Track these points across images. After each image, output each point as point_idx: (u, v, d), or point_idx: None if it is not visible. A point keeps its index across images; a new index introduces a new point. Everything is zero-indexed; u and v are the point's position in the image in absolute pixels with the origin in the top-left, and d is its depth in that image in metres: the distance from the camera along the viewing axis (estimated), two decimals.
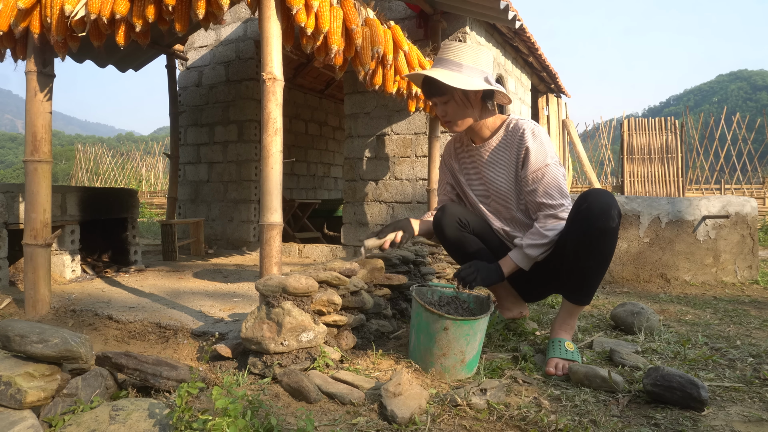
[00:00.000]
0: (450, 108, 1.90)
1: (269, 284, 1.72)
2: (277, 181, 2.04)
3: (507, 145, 1.93)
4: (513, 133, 1.90)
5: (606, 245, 1.70)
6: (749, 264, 3.59)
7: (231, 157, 5.54)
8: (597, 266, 1.73)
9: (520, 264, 1.84)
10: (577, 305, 1.83)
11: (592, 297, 1.82)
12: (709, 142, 11.66)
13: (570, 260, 1.76)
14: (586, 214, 1.69)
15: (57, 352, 1.29)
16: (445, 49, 1.90)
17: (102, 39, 2.24)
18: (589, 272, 1.74)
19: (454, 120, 1.92)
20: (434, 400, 1.45)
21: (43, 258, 2.30)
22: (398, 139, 4.70)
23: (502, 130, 1.95)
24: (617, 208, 1.69)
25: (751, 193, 10.01)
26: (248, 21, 5.43)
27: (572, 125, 8.53)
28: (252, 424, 1.19)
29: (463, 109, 1.89)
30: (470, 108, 1.90)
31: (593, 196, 1.70)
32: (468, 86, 1.80)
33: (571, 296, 1.82)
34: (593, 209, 1.68)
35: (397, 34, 2.89)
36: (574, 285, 1.79)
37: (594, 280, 1.77)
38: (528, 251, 1.82)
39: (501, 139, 1.95)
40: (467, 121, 1.93)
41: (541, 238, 1.81)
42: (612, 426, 1.30)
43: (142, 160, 17.09)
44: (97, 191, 3.67)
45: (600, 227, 1.66)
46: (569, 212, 1.79)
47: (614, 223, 1.67)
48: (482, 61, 1.87)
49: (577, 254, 1.72)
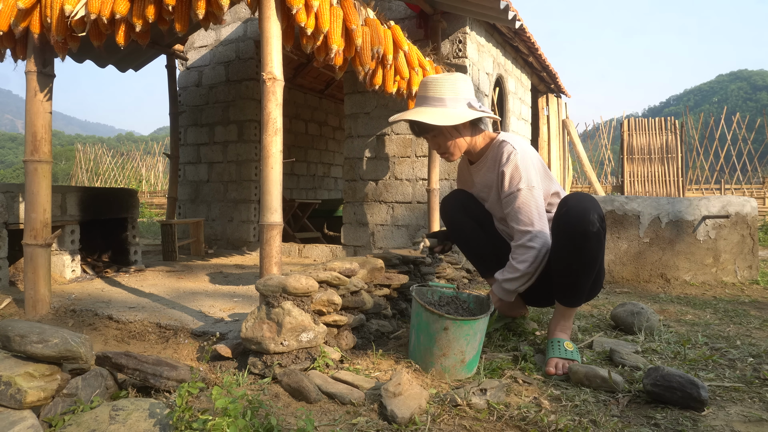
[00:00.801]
0: (441, 141, 1.94)
1: (269, 284, 1.72)
2: (277, 181, 2.04)
3: (491, 167, 1.97)
4: (494, 155, 1.94)
5: (588, 249, 1.69)
6: (749, 264, 3.59)
7: (231, 157, 5.53)
8: (583, 269, 1.73)
9: (503, 297, 1.89)
10: (568, 307, 1.85)
11: (582, 299, 1.84)
12: (709, 142, 11.66)
13: (556, 265, 1.78)
14: (566, 220, 1.70)
15: (57, 352, 1.29)
16: (423, 86, 1.94)
17: (102, 39, 2.24)
18: (575, 276, 1.75)
19: (448, 150, 1.96)
20: (434, 400, 1.45)
21: (43, 258, 2.30)
22: (398, 139, 4.70)
23: (490, 150, 1.98)
24: (598, 212, 1.69)
25: (751, 193, 10.01)
26: (248, 21, 5.42)
27: (572, 125, 8.53)
28: (252, 424, 1.19)
29: (454, 139, 1.94)
30: (460, 136, 1.94)
31: (572, 201, 1.71)
32: (454, 121, 1.84)
33: (561, 299, 1.85)
34: (571, 214, 1.69)
35: (397, 34, 2.89)
36: (563, 288, 1.81)
37: (582, 283, 1.77)
38: (505, 285, 1.86)
39: (488, 160, 1.99)
40: (461, 148, 1.97)
41: (513, 272, 1.83)
42: (612, 426, 1.30)
43: (142, 160, 17.09)
44: (97, 191, 3.67)
45: (580, 231, 1.67)
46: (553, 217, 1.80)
47: (594, 227, 1.66)
48: (461, 89, 1.90)
49: (562, 259, 1.75)
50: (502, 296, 1.88)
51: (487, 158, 1.99)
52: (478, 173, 2.04)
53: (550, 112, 8.06)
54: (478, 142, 1.98)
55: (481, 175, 2.03)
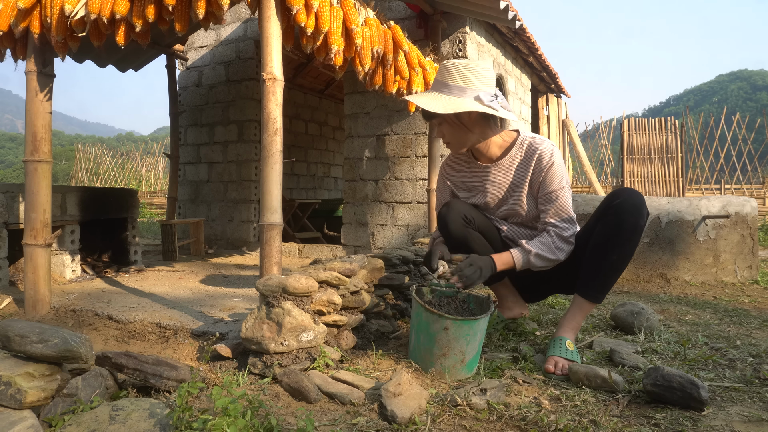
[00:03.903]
0: (445, 129, 1.88)
1: (269, 284, 1.72)
2: (277, 181, 2.04)
3: (523, 165, 1.89)
4: (529, 153, 1.87)
5: (632, 241, 1.73)
6: (749, 264, 3.59)
7: (231, 157, 5.53)
8: (619, 262, 1.76)
9: (517, 263, 1.83)
10: (590, 302, 1.82)
11: (605, 295, 1.83)
12: (709, 142, 11.66)
13: (593, 254, 1.78)
14: (619, 210, 1.73)
15: (57, 352, 1.29)
16: (439, 70, 1.88)
17: (102, 39, 2.24)
18: (610, 268, 1.77)
19: (453, 141, 1.90)
20: (434, 400, 1.45)
21: (43, 258, 2.30)
22: (398, 139, 4.70)
23: (515, 149, 1.91)
24: (647, 208, 1.74)
25: (751, 193, 10.00)
26: (248, 21, 5.42)
27: (572, 125, 8.53)
28: (252, 424, 1.19)
29: (458, 130, 1.86)
30: (465, 129, 1.86)
31: (626, 194, 1.75)
32: (446, 110, 1.76)
33: (587, 292, 1.82)
34: (626, 205, 1.72)
35: (397, 34, 2.89)
36: (592, 280, 1.80)
37: (612, 277, 1.79)
38: (533, 260, 1.81)
39: (515, 159, 1.91)
40: (466, 142, 1.89)
41: (550, 254, 1.81)
42: (612, 426, 1.30)
43: (142, 160, 17.08)
44: (97, 191, 3.67)
45: (632, 222, 1.71)
46: (597, 208, 1.83)
47: (644, 221, 1.72)
48: (472, 79, 1.80)
49: (603, 248, 1.75)
50: (519, 263, 1.83)
51: (513, 157, 1.91)
52: (499, 173, 1.94)
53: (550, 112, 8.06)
54: (492, 141, 1.90)
55: (503, 175, 1.94)
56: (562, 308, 2.72)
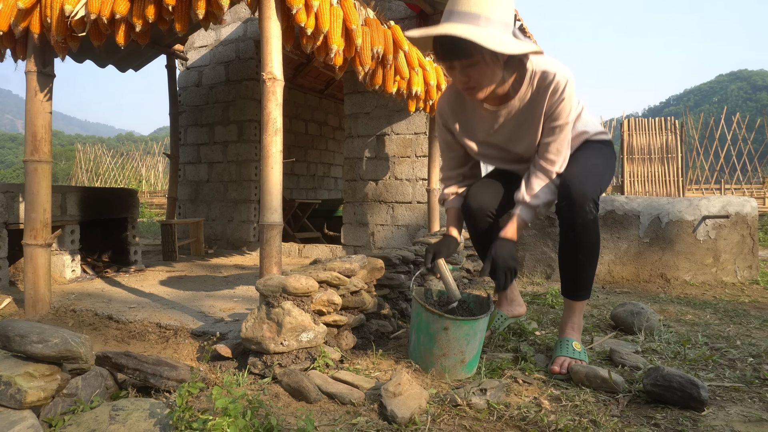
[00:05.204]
0: (475, 72, 1.57)
1: (269, 284, 1.72)
2: (277, 181, 2.04)
3: (533, 100, 1.69)
4: (542, 88, 1.66)
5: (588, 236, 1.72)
6: (749, 264, 3.59)
7: (231, 157, 5.53)
8: (585, 259, 1.77)
9: (528, 222, 1.80)
10: (575, 301, 1.84)
11: (589, 290, 1.83)
12: (709, 142, 11.66)
13: (562, 259, 1.82)
14: (562, 214, 1.74)
15: (57, 352, 1.29)
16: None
17: (102, 39, 2.24)
18: (581, 267, 1.78)
19: (480, 85, 1.61)
20: (434, 400, 1.45)
21: (43, 258, 2.30)
22: (398, 139, 4.70)
23: (526, 86, 1.68)
24: (591, 196, 1.68)
25: (751, 193, 10.01)
26: (248, 21, 5.42)
27: None
28: (252, 424, 1.19)
29: (492, 71, 1.58)
30: (499, 70, 1.60)
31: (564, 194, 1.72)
32: (505, 49, 1.48)
33: (570, 294, 1.84)
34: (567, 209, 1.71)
35: (397, 34, 2.88)
36: (570, 281, 1.82)
37: (586, 273, 1.79)
38: (541, 210, 1.80)
39: (526, 96, 1.70)
40: (492, 84, 1.62)
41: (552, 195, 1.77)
42: (612, 426, 1.30)
43: (142, 160, 17.08)
44: (97, 191, 3.67)
45: (579, 223, 1.70)
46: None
47: (591, 215, 1.69)
48: (509, 13, 1.54)
49: (566, 251, 1.79)
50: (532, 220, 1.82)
51: (523, 95, 1.69)
52: (509, 115, 1.74)
53: None
54: (507, 79, 1.66)
55: (512, 117, 1.74)
56: (562, 308, 2.72)
